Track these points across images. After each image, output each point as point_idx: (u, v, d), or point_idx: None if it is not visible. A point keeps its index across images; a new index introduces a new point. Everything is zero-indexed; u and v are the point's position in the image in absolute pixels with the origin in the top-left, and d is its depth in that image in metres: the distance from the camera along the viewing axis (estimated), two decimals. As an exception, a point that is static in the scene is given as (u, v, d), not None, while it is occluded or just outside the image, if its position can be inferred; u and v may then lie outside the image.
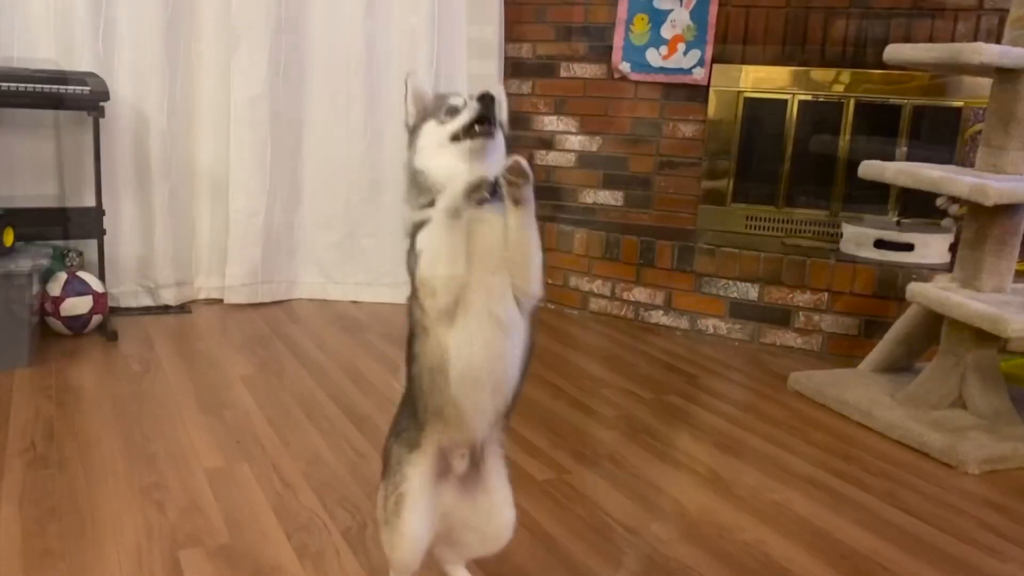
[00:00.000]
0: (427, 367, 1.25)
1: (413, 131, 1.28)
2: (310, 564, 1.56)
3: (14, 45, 2.90)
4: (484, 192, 1.18)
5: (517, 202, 1.18)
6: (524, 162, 1.15)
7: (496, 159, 1.22)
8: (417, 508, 1.30)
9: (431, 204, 1.21)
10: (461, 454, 1.32)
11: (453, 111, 1.23)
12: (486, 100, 1.20)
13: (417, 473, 1.30)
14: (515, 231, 1.20)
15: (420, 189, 1.24)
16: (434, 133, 1.24)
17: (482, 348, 1.22)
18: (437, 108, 1.25)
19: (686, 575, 1.61)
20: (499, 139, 1.24)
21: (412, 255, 1.23)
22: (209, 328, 3.02)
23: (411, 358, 1.29)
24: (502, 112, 1.27)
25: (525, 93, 3.79)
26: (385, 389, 2.50)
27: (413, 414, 1.31)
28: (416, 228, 1.23)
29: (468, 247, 1.19)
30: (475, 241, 1.19)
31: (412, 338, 1.28)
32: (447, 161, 1.22)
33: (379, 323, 3.20)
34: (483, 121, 1.20)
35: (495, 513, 1.36)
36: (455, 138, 1.22)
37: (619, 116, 3.68)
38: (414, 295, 1.24)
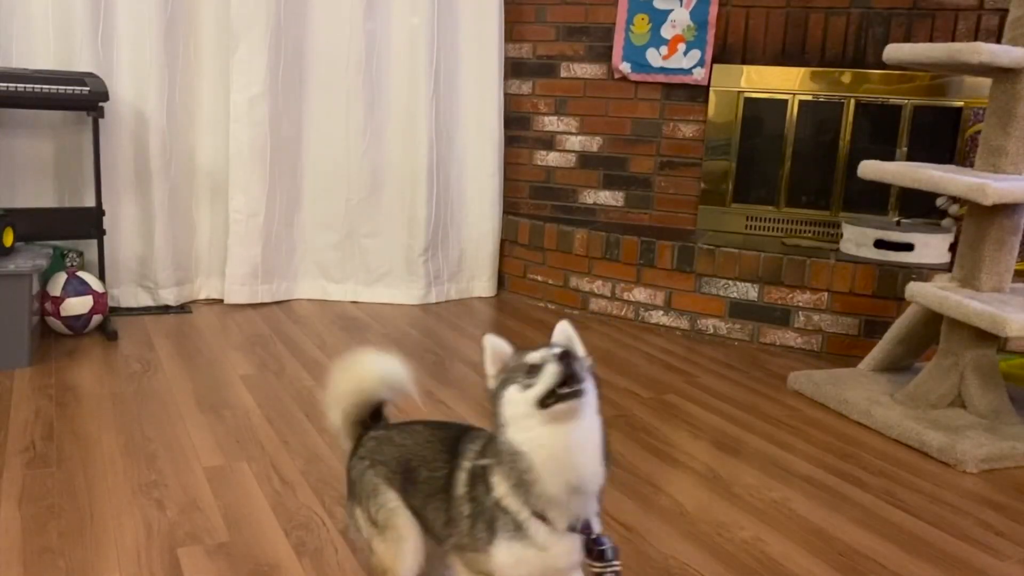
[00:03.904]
0: None
1: (495, 398, 1.15)
2: (308, 562, 1.56)
3: (14, 46, 2.90)
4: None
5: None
6: (577, 359, 1.09)
7: (590, 408, 1.12)
8: (405, 513, 1.30)
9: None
10: None
11: (534, 371, 1.10)
12: (566, 359, 1.08)
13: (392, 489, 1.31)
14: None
15: (520, 476, 1.11)
16: (519, 402, 1.11)
17: None
18: (517, 369, 1.12)
19: (685, 573, 1.61)
20: (589, 389, 1.11)
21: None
22: (209, 328, 3.02)
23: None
24: (580, 353, 1.16)
25: (525, 93, 3.79)
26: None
27: None
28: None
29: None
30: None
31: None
32: (540, 434, 1.09)
33: (379, 323, 3.21)
34: (567, 382, 1.07)
35: None
36: (542, 404, 1.08)
37: (619, 116, 3.69)
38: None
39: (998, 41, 3.04)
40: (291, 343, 2.89)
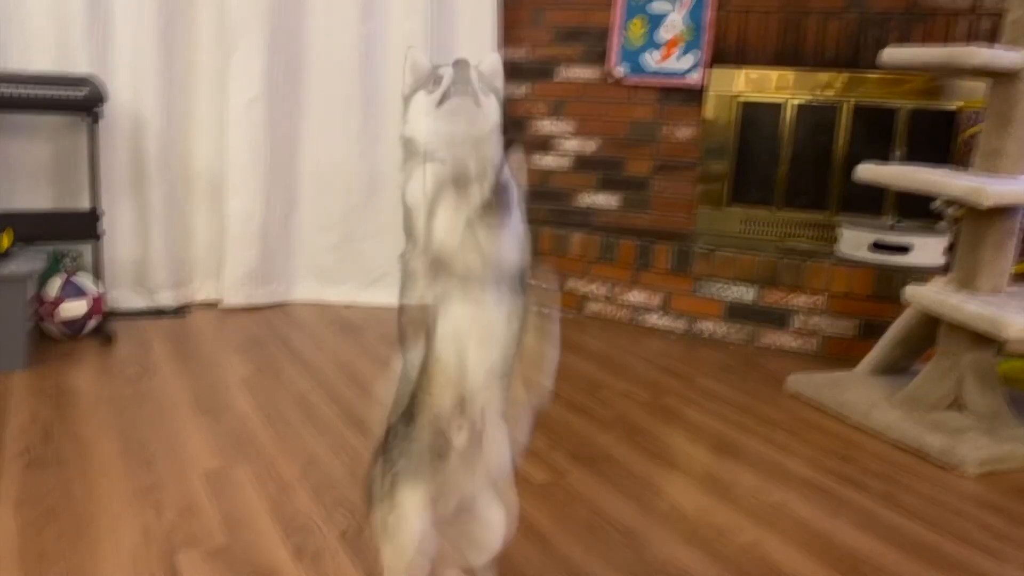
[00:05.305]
0: (413, 319, 1.27)
1: (407, 102, 1.29)
2: (307, 566, 1.56)
3: (11, 48, 2.89)
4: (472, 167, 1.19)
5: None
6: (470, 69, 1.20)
7: (481, 125, 1.25)
8: (411, 515, 1.28)
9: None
10: (458, 426, 1.27)
11: (439, 80, 1.25)
12: (459, 65, 1.23)
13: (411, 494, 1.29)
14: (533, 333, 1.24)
15: (410, 155, 1.27)
16: (423, 102, 1.26)
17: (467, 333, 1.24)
18: (428, 79, 1.27)
19: (684, 576, 1.61)
20: (487, 106, 1.26)
21: (408, 214, 1.25)
22: (206, 330, 3.02)
23: (401, 311, 1.29)
24: (496, 79, 1.29)
25: (522, 96, 3.79)
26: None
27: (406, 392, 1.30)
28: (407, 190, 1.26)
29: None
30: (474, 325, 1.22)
31: (403, 289, 1.29)
32: (435, 126, 1.24)
33: (376, 325, 3.20)
34: (456, 83, 1.23)
35: (485, 517, 1.36)
36: (441, 103, 1.24)
37: (616, 119, 3.69)
38: (414, 249, 1.26)
39: (994, 44, 3.04)
40: (289, 346, 2.89)
